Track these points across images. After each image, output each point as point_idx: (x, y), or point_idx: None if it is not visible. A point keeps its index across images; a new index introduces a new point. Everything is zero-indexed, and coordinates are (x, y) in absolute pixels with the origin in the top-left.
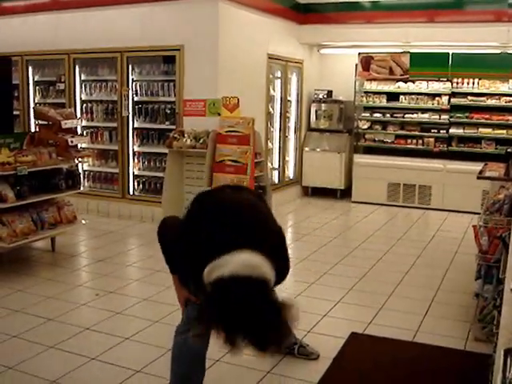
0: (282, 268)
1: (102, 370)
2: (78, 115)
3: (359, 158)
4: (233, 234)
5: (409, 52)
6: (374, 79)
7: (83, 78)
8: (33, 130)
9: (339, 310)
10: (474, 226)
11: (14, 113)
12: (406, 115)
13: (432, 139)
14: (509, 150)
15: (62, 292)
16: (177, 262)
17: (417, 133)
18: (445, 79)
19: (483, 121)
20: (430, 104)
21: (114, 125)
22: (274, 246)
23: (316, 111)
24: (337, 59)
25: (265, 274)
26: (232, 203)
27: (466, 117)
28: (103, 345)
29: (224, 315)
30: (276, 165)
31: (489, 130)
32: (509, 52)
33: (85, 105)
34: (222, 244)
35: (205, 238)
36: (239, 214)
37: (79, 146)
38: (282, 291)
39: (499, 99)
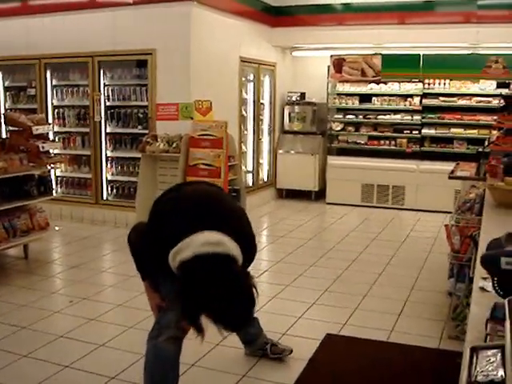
0: (248, 246)
1: (76, 378)
2: (50, 121)
3: (333, 160)
4: (192, 219)
5: (380, 54)
6: (347, 81)
7: (54, 83)
8: (3, 136)
9: (314, 311)
10: (446, 226)
11: None
12: (379, 116)
13: (405, 140)
14: (480, 150)
15: (36, 300)
16: (147, 264)
17: (389, 134)
18: (416, 80)
19: (455, 121)
20: (402, 105)
21: (87, 130)
22: (237, 225)
23: (289, 113)
24: (309, 61)
25: (229, 250)
26: (191, 194)
27: (438, 117)
28: (77, 352)
29: (194, 294)
30: (250, 168)
31: (460, 130)
32: (478, 53)
33: (56, 110)
34: (183, 230)
35: (169, 230)
36: (198, 201)
37: (51, 151)
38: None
39: (470, 99)
